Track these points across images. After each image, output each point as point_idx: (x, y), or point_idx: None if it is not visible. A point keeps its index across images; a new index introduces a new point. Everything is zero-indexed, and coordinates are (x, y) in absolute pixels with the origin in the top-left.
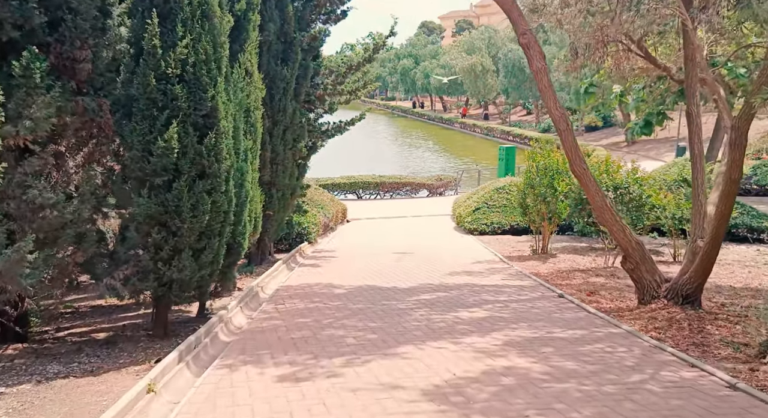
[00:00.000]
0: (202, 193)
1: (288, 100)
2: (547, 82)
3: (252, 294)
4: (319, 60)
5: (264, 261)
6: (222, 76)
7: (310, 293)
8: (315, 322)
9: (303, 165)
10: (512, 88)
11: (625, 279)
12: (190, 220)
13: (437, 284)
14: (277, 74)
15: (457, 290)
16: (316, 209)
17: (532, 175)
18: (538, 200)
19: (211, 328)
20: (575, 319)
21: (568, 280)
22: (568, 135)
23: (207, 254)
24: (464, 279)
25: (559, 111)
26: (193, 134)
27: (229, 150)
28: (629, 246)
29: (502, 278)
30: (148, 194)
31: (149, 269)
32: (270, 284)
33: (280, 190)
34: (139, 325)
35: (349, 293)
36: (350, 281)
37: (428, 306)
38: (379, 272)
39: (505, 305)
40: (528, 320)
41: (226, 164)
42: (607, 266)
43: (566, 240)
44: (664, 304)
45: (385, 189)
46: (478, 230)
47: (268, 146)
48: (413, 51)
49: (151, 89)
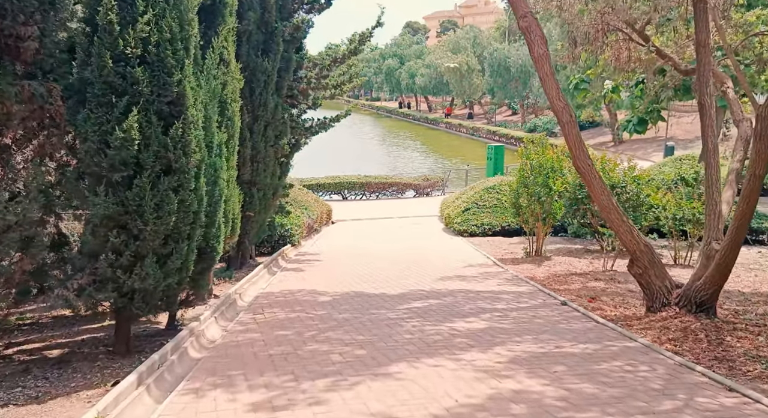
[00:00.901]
0: (168, 191)
1: (269, 94)
2: (549, 70)
3: (229, 302)
4: (302, 52)
5: (244, 265)
6: (190, 59)
7: (292, 300)
8: (296, 335)
9: (285, 163)
10: (498, 88)
11: (626, 283)
12: (154, 221)
13: (429, 290)
14: (257, 66)
15: (451, 297)
16: (299, 210)
17: (525, 174)
18: (532, 200)
19: (179, 343)
20: (584, 330)
21: (566, 284)
22: (571, 128)
23: (174, 259)
24: (457, 284)
25: (561, 102)
26: (156, 124)
27: (198, 142)
28: (637, 249)
29: (498, 283)
30: (105, 192)
31: (107, 277)
32: (249, 291)
33: (261, 189)
34: (100, 339)
35: (335, 301)
36: (335, 287)
37: (420, 315)
38: (366, 277)
39: (504, 313)
40: (532, 332)
41: (195, 158)
42: (606, 270)
43: (560, 242)
44: (676, 312)
45: (371, 189)
46: (468, 232)
47: (248, 143)
48: (398, 51)
49: (107, 72)
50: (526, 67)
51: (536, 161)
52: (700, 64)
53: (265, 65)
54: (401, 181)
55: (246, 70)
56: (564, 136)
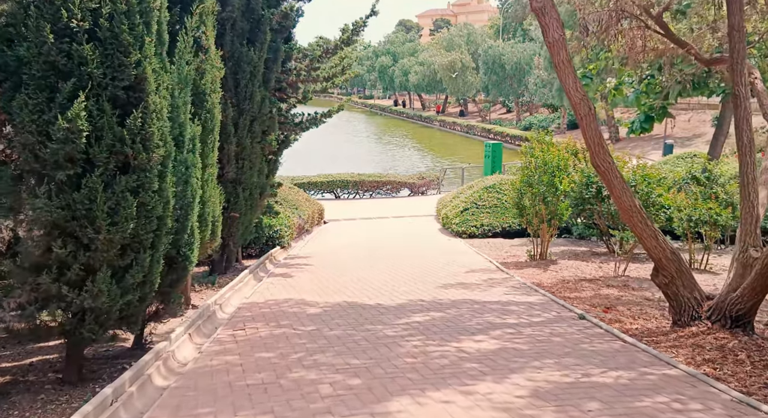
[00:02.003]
0: (125, 193)
1: (256, 86)
2: (566, 58)
3: (207, 315)
4: (291, 43)
5: (229, 269)
6: (152, 36)
7: (277, 312)
8: (280, 357)
9: (274, 161)
10: (492, 86)
11: (641, 290)
12: (108, 228)
13: (429, 300)
14: (242, 56)
15: (455, 309)
16: (289, 209)
17: (529, 173)
18: (537, 200)
19: (141, 369)
20: (611, 352)
21: (577, 292)
22: (590, 121)
23: (134, 272)
24: (460, 293)
25: (579, 93)
26: (110, 112)
27: (163, 135)
28: (663, 256)
29: (505, 291)
30: (47, 194)
31: (52, 294)
32: (232, 300)
33: (248, 189)
34: (51, 363)
35: (325, 314)
36: (326, 296)
37: (423, 332)
38: (359, 284)
39: (517, 330)
40: (553, 354)
41: (158, 154)
42: (617, 275)
43: (564, 244)
44: (708, 327)
45: (364, 188)
46: (467, 233)
47: (232, 139)
48: (392, 48)
49: (48, 49)
50: (521, 64)
51: (541, 159)
52: (734, 51)
53: (251, 55)
54: (396, 180)
55: (230, 60)
56: (582, 130)
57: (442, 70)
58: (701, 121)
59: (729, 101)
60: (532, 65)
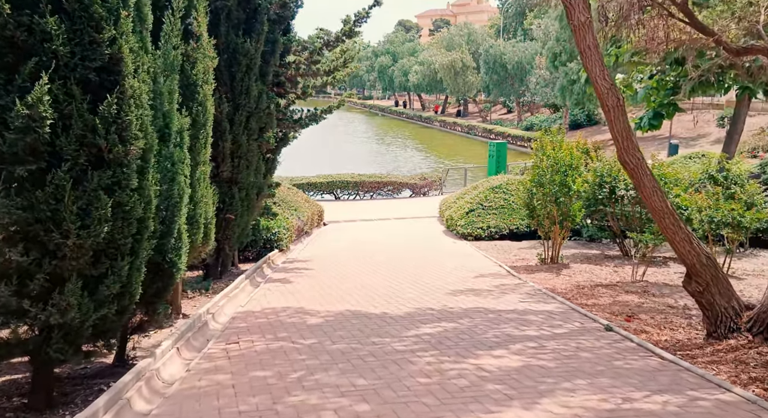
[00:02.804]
0: (98, 191)
1: (252, 80)
2: (592, 42)
3: (198, 325)
4: (290, 35)
5: (225, 274)
6: (129, 10)
7: (275, 323)
8: (277, 377)
9: (272, 160)
10: (494, 85)
11: (662, 297)
12: (78, 232)
13: (439, 308)
14: (238, 48)
15: (468, 319)
16: (288, 211)
17: (540, 172)
18: (548, 201)
19: (120, 393)
20: (649, 371)
21: (594, 298)
22: (618, 114)
23: (110, 283)
24: (472, 301)
25: (606, 82)
26: (80, 97)
27: (143, 125)
28: (697, 261)
29: (519, 298)
30: (5, 192)
31: (12, 309)
32: (226, 308)
33: (244, 188)
34: (19, 384)
35: (327, 324)
36: (328, 305)
37: (435, 346)
38: (363, 291)
39: (539, 344)
40: (584, 373)
41: (137, 146)
42: (635, 280)
43: (574, 246)
44: (749, 340)
45: (364, 189)
46: (472, 235)
47: (228, 136)
48: (391, 48)
49: (4, 22)
50: (522, 64)
51: (552, 157)
52: None
53: (247, 47)
54: (397, 181)
55: (225, 52)
56: (609, 123)
57: (443, 70)
58: (705, 121)
59: (744, 98)
60: (534, 65)
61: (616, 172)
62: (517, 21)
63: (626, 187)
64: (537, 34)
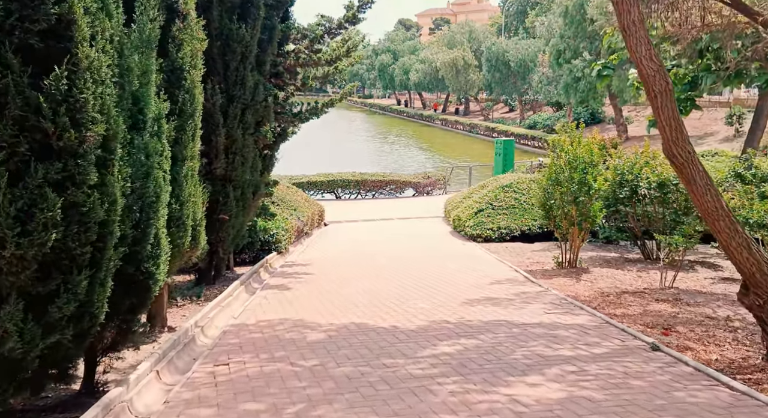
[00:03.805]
0: (44, 188)
1: (248, 69)
2: (637, 17)
3: (185, 341)
4: (288, 21)
5: (218, 279)
6: None
7: (271, 338)
8: (272, 413)
9: (269, 156)
10: (496, 84)
11: (696, 306)
12: (17, 240)
13: (456, 321)
14: (232, 34)
15: (490, 335)
16: (288, 211)
17: (558, 169)
18: (567, 200)
19: None
20: (723, 406)
21: (622, 307)
22: (666, 99)
23: (63, 302)
24: (491, 312)
25: (654, 63)
26: (19, 69)
27: (104, 106)
28: (757, 270)
29: (544, 309)
30: None
31: None
32: (217, 320)
33: (239, 187)
34: None
35: (330, 341)
36: (330, 316)
37: (457, 370)
38: (368, 299)
39: (578, 367)
40: (644, 410)
41: (96, 132)
42: (663, 287)
43: (590, 248)
44: None
45: (366, 188)
46: (482, 236)
47: (221, 130)
48: (392, 46)
49: None
50: (525, 61)
51: (571, 154)
52: None
53: (243, 33)
54: (400, 179)
55: (218, 38)
56: (654, 110)
57: (444, 68)
58: (713, 119)
59: None
60: (537, 62)
61: (638, 170)
62: (519, 20)
63: (649, 185)
64: (540, 31)
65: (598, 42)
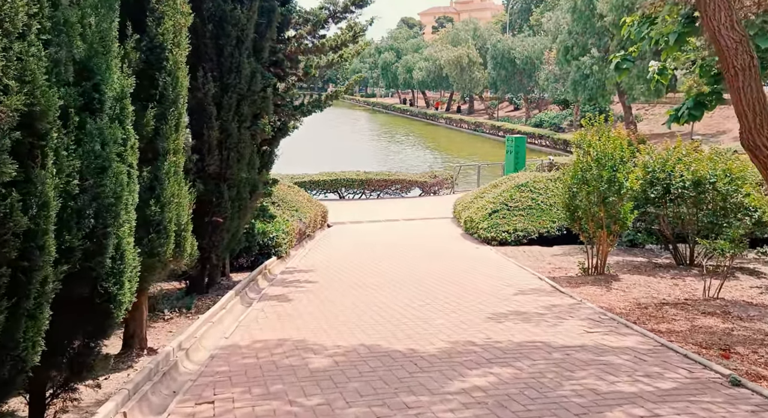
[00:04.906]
0: None
1: (244, 55)
2: None
3: (164, 369)
4: (289, 5)
5: (212, 287)
6: None
7: (267, 365)
8: None
9: (268, 153)
10: (501, 81)
11: (750, 321)
12: None
13: (483, 342)
14: (226, 16)
15: (527, 361)
16: (289, 212)
17: (585, 167)
18: (595, 201)
19: None
20: None
21: (666, 322)
22: (749, 78)
23: None
24: (522, 330)
25: (736, 33)
26: None
27: (28, 71)
28: None
29: (583, 326)
30: None
31: None
32: (206, 340)
33: (235, 186)
34: None
35: (337, 369)
36: (336, 335)
37: (497, 414)
38: (378, 314)
39: (649, 411)
40: None
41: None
42: (707, 298)
43: (614, 253)
44: None
45: (371, 187)
46: (497, 239)
47: (214, 122)
48: (395, 44)
49: None
50: (531, 59)
51: (600, 150)
52: None
53: (238, 15)
54: (405, 179)
55: (210, 21)
56: (734, 92)
57: (448, 66)
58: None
59: None
60: (543, 60)
61: (670, 167)
62: (523, 17)
63: (683, 184)
64: (547, 28)
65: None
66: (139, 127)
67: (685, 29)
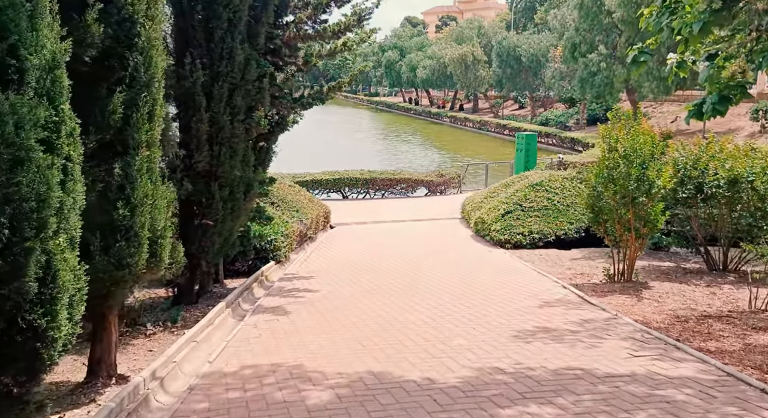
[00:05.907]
0: None
1: (236, 40)
2: None
3: (131, 406)
4: None
5: (204, 296)
6: None
7: (255, 401)
8: None
9: (265, 149)
10: (506, 79)
11: None
12: None
13: (512, 369)
14: None
15: (570, 397)
16: (289, 212)
17: (611, 164)
18: (622, 201)
19: None
20: None
21: (714, 339)
22: None
23: None
24: (555, 353)
25: None
26: None
27: None
28: None
29: (624, 347)
30: None
31: None
32: (187, 364)
33: (227, 185)
34: None
35: (339, 406)
36: (338, 361)
37: None
38: (387, 330)
39: None
40: None
41: None
42: (755, 310)
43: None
44: None
45: (375, 187)
46: (511, 242)
47: (204, 115)
48: (399, 42)
49: None
50: (537, 56)
51: (629, 145)
52: None
53: None
54: (411, 178)
55: (199, 1)
56: None
57: (453, 64)
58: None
59: None
60: (549, 58)
61: (703, 164)
62: (527, 16)
63: (718, 183)
64: (553, 25)
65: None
66: (105, 114)
67: (710, 18)
